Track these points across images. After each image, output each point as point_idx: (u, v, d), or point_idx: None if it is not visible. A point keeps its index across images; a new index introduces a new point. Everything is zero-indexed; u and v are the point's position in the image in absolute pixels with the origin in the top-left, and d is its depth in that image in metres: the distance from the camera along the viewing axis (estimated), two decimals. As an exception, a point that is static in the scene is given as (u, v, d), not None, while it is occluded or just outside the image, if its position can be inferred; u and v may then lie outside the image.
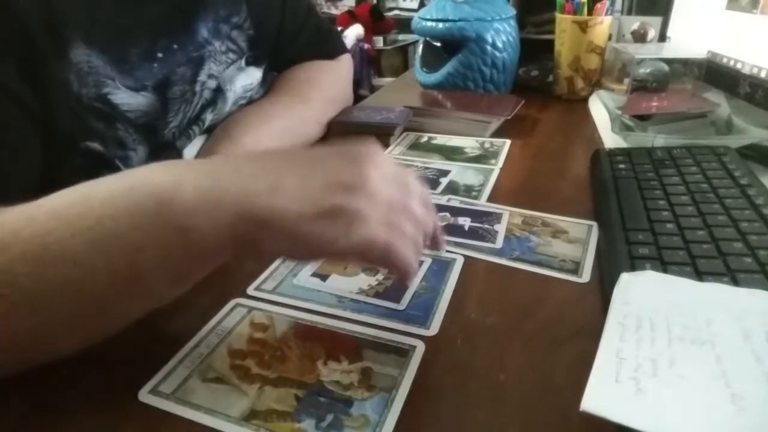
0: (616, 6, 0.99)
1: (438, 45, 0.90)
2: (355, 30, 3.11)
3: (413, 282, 0.40)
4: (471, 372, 0.33)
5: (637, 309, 0.33)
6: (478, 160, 0.66)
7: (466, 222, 0.51)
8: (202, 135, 0.60)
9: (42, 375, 0.31)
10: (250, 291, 0.41)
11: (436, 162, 0.66)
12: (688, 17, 0.93)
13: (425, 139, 0.74)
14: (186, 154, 0.58)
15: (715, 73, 0.82)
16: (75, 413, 0.31)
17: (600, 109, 0.77)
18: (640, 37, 0.99)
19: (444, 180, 0.61)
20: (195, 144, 0.59)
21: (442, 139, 0.74)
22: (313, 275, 0.42)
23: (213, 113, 0.60)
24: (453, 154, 0.69)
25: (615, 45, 0.93)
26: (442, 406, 0.31)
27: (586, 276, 0.42)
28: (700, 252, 0.41)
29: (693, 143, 0.61)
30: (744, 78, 0.74)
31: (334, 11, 3.59)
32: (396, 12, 3.66)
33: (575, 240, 0.48)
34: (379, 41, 3.47)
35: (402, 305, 0.39)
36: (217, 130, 0.61)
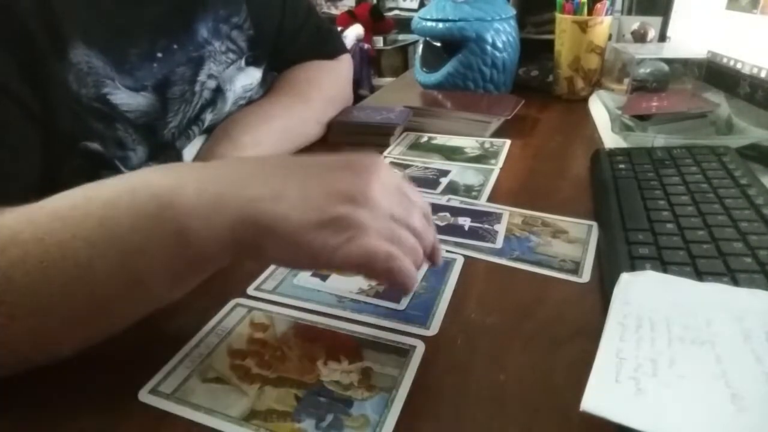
0: (616, 6, 0.99)
1: (438, 45, 0.90)
2: (355, 30, 3.11)
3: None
4: (471, 372, 0.33)
5: (637, 309, 0.33)
6: (478, 160, 0.66)
7: (466, 222, 0.51)
8: (201, 135, 0.60)
9: (42, 375, 0.31)
10: (250, 291, 0.41)
11: (436, 162, 0.66)
12: (688, 17, 0.93)
13: (425, 139, 0.74)
14: (185, 154, 0.58)
15: (715, 73, 0.82)
16: (75, 413, 0.30)
17: (600, 109, 0.77)
18: (640, 37, 0.99)
19: (444, 180, 0.61)
20: (195, 144, 0.59)
21: (442, 139, 0.73)
22: (313, 275, 0.42)
23: (212, 113, 0.60)
24: (453, 154, 0.69)
25: (615, 45, 0.93)
26: (442, 406, 0.31)
27: (586, 276, 0.42)
28: (700, 252, 0.41)
29: (693, 143, 0.61)
30: (744, 78, 0.74)
31: (334, 11, 3.59)
32: (396, 12, 3.66)
33: (575, 240, 0.48)
34: (379, 41, 3.47)
35: (402, 305, 0.39)
36: (217, 130, 0.61)
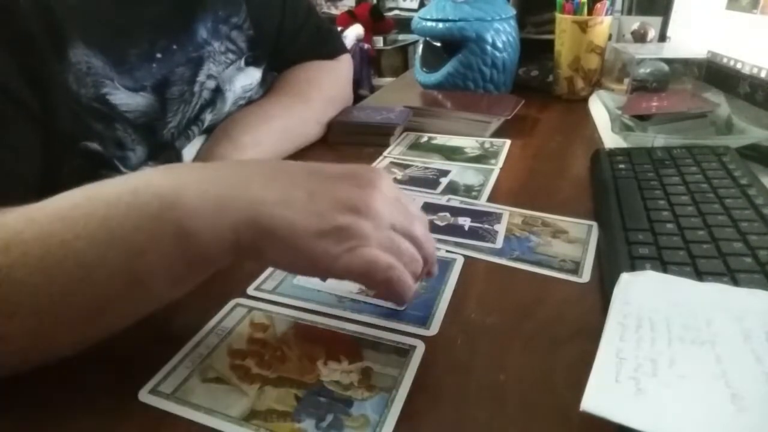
0: (616, 6, 0.99)
1: (438, 45, 0.90)
2: (355, 30, 3.11)
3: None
4: (471, 372, 0.33)
5: (637, 309, 0.33)
6: (478, 160, 0.66)
7: (466, 222, 0.51)
8: (201, 135, 0.60)
9: (42, 375, 0.31)
10: (250, 291, 0.41)
11: (436, 162, 0.66)
12: (688, 17, 0.93)
13: (425, 139, 0.74)
14: (185, 154, 0.58)
15: (715, 73, 0.82)
16: (75, 413, 0.30)
17: (600, 109, 0.77)
18: (640, 37, 0.99)
19: (444, 180, 0.61)
20: (194, 144, 0.59)
21: (442, 139, 0.73)
22: (313, 275, 0.42)
23: (212, 113, 0.60)
24: (453, 154, 0.69)
25: (615, 45, 0.93)
26: (442, 406, 0.31)
27: (586, 276, 0.42)
28: (700, 252, 0.41)
29: (693, 143, 0.61)
30: (744, 78, 0.74)
31: (334, 11, 3.59)
32: (396, 12, 3.66)
33: (575, 240, 0.48)
34: (379, 41, 3.47)
35: (402, 305, 0.39)
36: (217, 130, 0.61)
